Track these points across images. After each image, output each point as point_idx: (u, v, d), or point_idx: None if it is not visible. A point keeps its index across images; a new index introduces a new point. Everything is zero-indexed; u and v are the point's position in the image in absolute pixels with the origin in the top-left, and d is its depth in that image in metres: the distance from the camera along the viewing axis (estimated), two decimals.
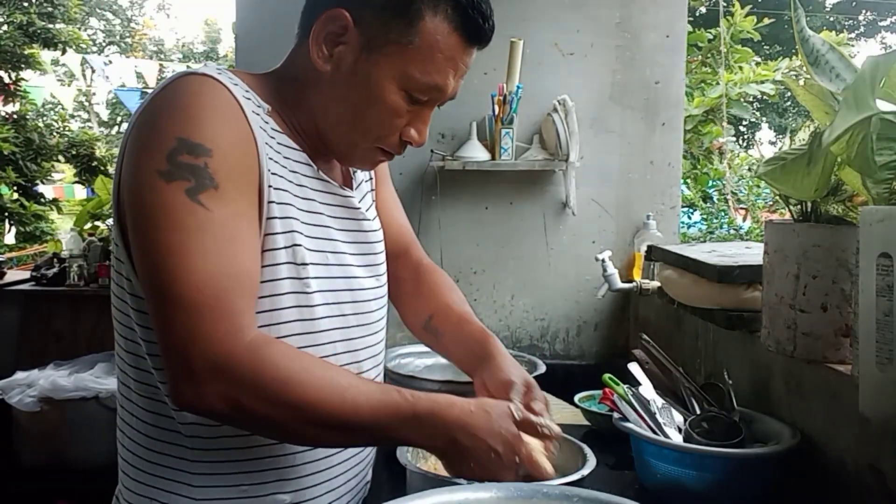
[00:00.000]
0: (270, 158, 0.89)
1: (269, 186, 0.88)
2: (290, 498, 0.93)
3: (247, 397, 0.80)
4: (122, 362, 0.96)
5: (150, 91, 0.90)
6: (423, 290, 1.19)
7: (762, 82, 4.64)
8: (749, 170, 6.06)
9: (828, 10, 15.07)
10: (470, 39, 0.92)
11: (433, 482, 0.88)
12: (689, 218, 6.32)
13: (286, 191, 0.91)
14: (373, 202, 1.14)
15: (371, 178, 1.16)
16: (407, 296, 1.21)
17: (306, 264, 0.92)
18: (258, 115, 0.90)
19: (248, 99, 0.90)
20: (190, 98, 0.85)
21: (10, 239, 5.87)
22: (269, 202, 0.88)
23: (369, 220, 1.06)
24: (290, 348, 0.86)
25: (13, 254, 5.60)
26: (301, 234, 0.92)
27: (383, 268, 1.10)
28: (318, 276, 0.94)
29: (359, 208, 1.03)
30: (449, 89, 0.94)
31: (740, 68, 4.77)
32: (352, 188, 1.06)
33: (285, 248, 0.90)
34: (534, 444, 0.90)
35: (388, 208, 1.21)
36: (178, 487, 0.91)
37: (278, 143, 0.93)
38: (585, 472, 0.95)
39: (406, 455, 0.97)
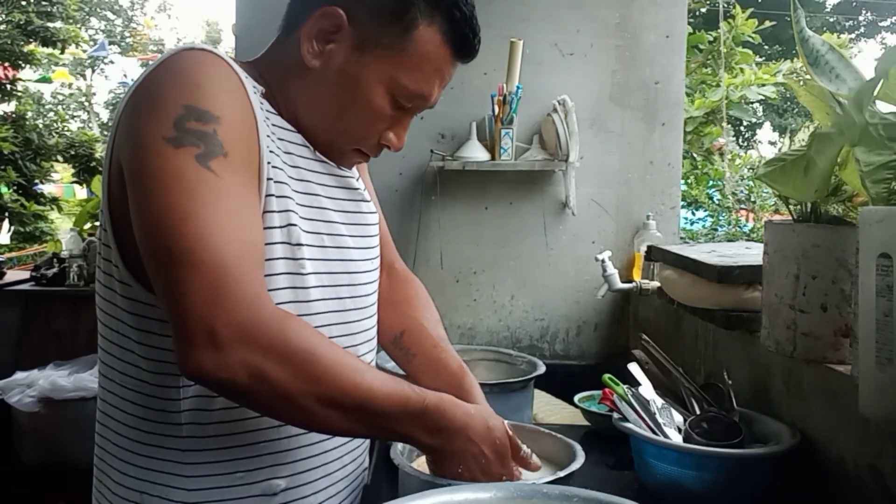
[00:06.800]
0: (268, 136, 0.89)
1: (268, 164, 0.88)
2: (285, 483, 0.93)
3: (271, 364, 0.76)
4: (105, 355, 0.95)
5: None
6: (396, 298, 1.15)
7: (763, 85, 4.64)
8: (749, 170, 6.06)
9: (828, 10, 15.06)
10: (458, 53, 0.94)
11: (426, 483, 0.88)
12: (693, 215, 6.32)
13: (282, 170, 0.91)
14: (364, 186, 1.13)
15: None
16: (377, 301, 1.12)
17: (301, 245, 0.91)
18: (256, 93, 0.90)
19: (247, 77, 0.90)
20: (194, 68, 0.84)
21: (4, 239, 5.85)
22: (268, 179, 0.88)
23: (367, 201, 1.06)
24: (307, 323, 0.84)
25: (13, 254, 5.60)
26: (296, 214, 0.91)
27: (377, 251, 1.08)
28: (313, 257, 0.93)
29: (358, 189, 1.03)
30: (432, 98, 0.96)
31: (741, 70, 4.78)
32: (350, 168, 1.05)
33: (280, 227, 0.89)
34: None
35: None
36: (170, 479, 0.90)
37: (273, 125, 0.92)
38: (573, 468, 0.95)
39: (399, 455, 0.97)
